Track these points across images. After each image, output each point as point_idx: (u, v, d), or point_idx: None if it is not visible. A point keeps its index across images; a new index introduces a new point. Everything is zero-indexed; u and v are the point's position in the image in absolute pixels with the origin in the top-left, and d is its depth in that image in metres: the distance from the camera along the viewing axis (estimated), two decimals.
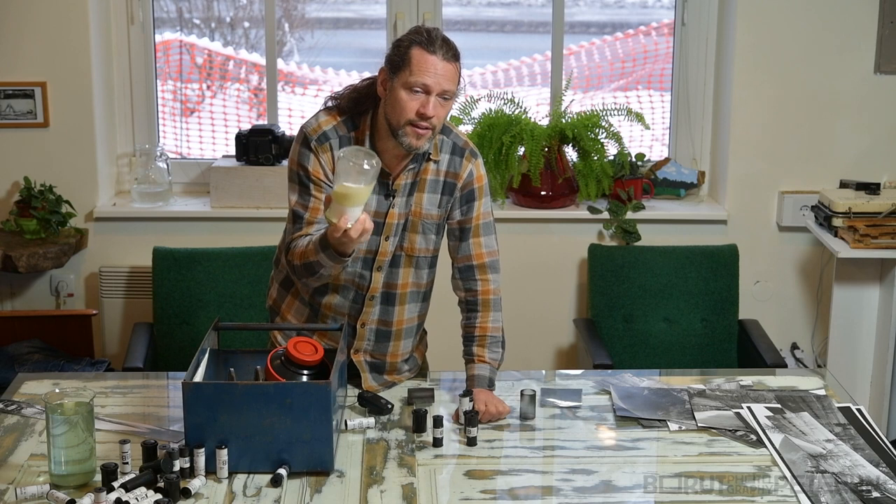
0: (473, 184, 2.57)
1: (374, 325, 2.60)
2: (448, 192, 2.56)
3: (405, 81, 2.37)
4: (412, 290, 2.61)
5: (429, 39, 2.38)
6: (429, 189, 2.54)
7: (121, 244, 4.06)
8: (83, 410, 2.17)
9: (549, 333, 4.18)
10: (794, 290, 4.19)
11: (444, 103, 2.40)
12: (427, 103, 2.37)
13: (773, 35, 3.99)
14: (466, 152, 2.56)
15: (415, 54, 2.37)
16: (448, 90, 2.39)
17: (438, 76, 2.36)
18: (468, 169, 2.56)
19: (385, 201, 2.51)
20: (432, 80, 2.36)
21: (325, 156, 2.47)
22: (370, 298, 2.57)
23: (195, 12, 4.42)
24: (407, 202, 2.53)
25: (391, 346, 2.64)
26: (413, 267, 2.58)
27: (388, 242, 2.53)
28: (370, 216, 2.34)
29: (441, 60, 2.36)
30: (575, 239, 4.08)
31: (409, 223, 2.54)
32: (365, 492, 2.17)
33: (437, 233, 2.59)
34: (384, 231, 2.52)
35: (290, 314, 2.66)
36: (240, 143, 4.04)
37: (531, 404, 2.50)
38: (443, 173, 2.55)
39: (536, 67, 4.51)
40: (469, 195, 2.57)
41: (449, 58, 2.38)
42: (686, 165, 4.27)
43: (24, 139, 3.98)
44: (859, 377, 3.86)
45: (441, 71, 2.36)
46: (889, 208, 3.66)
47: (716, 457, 2.33)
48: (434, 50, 2.36)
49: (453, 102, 2.46)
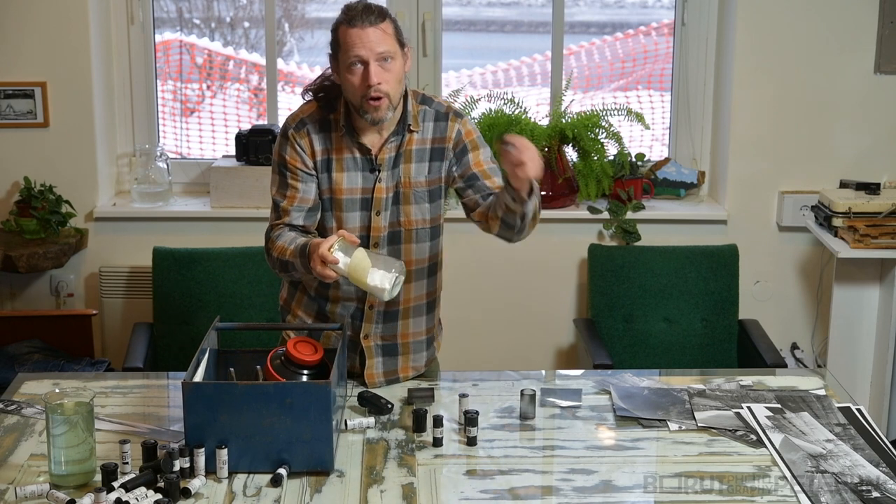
0: (463, 140, 2.59)
1: (381, 307, 2.61)
2: (438, 158, 2.58)
3: (343, 62, 2.44)
4: (417, 266, 2.61)
5: (348, 15, 2.44)
6: (415, 159, 2.56)
7: (121, 244, 4.06)
8: (83, 410, 2.17)
9: (549, 333, 4.18)
10: (794, 290, 4.19)
11: (387, 66, 2.43)
12: (368, 73, 2.41)
13: (773, 35, 3.99)
14: (450, 115, 2.59)
15: (341, 34, 2.44)
16: (383, 51, 2.42)
17: (367, 43, 2.41)
18: (455, 129, 2.59)
19: (371, 176, 2.54)
20: (363, 50, 2.41)
21: (303, 141, 2.54)
22: None
23: (195, 12, 4.43)
24: (393, 175, 2.56)
25: (400, 325, 2.64)
26: (414, 242, 2.60)
27: (379, 217, 2.56)
28: (358, 192, 2.48)
29: (364, 28, 2.41)
30: (575, 239, 4.07)
31: (400, 196, 2.57)
32: (365, 492, 2.17)
33: (432, 200, 2.60)
34: (373, 206, 2.55)
35: (301, 310, 2.68)
36: (240, 143, 4.04)
37: (531, 404, 2.50)
38: (429, 141, 2.58)
39: (536, 67, 4.51)
40: (461, 151, 2.59)
41: (372, 21, 2.42)
42: (686, 165, 4.27)
43: (24, 139, 3.98)
44: (859, 377, 3.86)
45: (369, 37, 2.41)
46: (889, 208, 3.66)
47: (716, 457, 2.33)
48: (355, 22, 2.41)
49: (404, 60, 2.48)
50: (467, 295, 4.03)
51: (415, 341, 2.68)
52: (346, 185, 2.54)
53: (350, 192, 2.55)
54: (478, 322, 4.13)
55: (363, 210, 2.55)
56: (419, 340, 2.69)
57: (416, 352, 2.70)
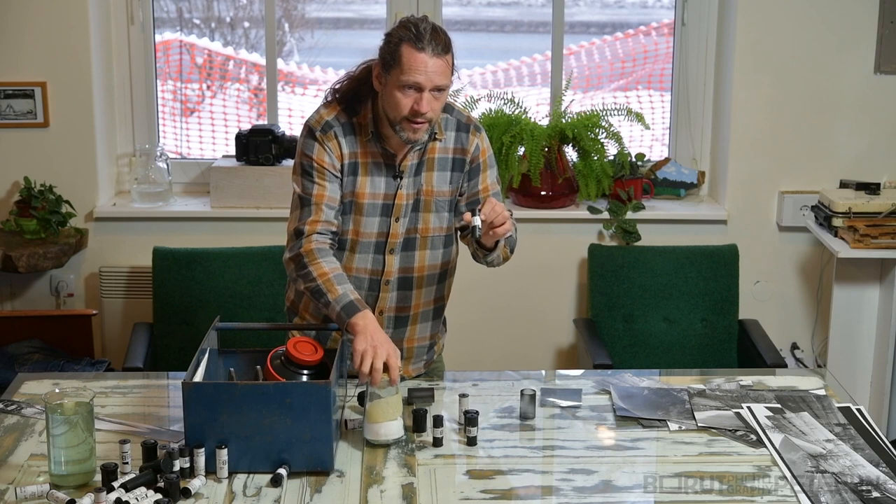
0: (479, 158, 2.61)
1: (391, 313, 2.61)
2: (458, 168, 2.59)
3: (397, 80, 2.40)
4: (429, 272, 2.62)
5: (417, 35, 2.38)
6: (438, 167, 2.57)
7: (121, 244, 4.06)
8: (83, 410, 2.17)
9: (549, 333, 4.18)
10: (794, 290, 4.19)
11: (438, 96, 2.43)
12: (420, 100, 2.39)
13: (773, 35, 3.99)
14: (471, 127, 2.60)
15: (405, 53, 2.38)
16: (440, 84, 2.41)
17: (429, 73, 2.38)
18: (475, 143, 2.60)
19: (393, 182, 2.54)
20: (423, 77, 2.38)
21: (331, 143, 2.51)
22: (385, 283, 2.58)
23: (195, 12, 4.42)
24: (415, 182, 2.55)
25: (408, 330, 2.65)
26: (428, 248, 2.60)
27: (398, 224, 2.55)
28: (381, 197, 2.48)
29: (431, 57, 2.38)
30: (575, 239, 4.08)
31: (421, 203, 2.57)
32: (365, 492, 2.17)
33: (451, 210, 2.61)
34: (394, 212, 2.55)
35: (308, 313, 2.68)
36: (240, 143, 4.04)
37: (531, 404, 2.50)
38: (450, 150, 2.58)
39: (536, 67, 4.51)
40: (475, 169, 2.61)
41: (439, 52, 2.39)
42: (686, 165, 4.27)
43: (24, 139, 3.98)
44: (859, 377, 3.87)
45: (432, 68, 2.38)
46: (889, 208, 3.66)
47: (716, 457, 2.33)
48: (423, 47, 2.37)
49: (448, 91, 2.48)
50: (467, 295, 4.02)
51: (419, 346, 2.69)
52: (369, 190, 2.53)
53: (372, 196, 2.54)
54: (478, 322, 4.13)
55: (383, 216, 2.54)
56: (423, 345, 2.70)
57: (419, 356, 2.70)
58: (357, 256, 2.56)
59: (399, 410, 2.35)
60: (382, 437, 2.33)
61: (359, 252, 2.56)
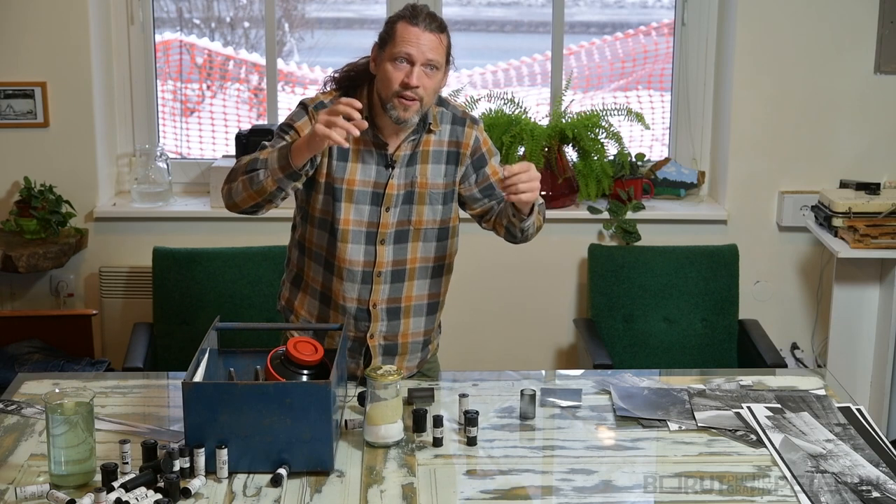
0: (481, 148, 2.64)
1: (384, 305, 2.62)
2: (453, 162, 2.60)
3: (390, 53, 2.45)
4: (421, 265, 2.63)
5: (413, 13, 2.46)
6: (432, 160, 2.58)
7: (121, 244, 4.06)
8: (83, 410, 2.16)
9: (549, 333, 4.18)
10: (794, 290, 4.19)
11: (430, 74, 2.46)
12: (411, 73, 2.43)
13: (773, 35, 3.99)
14: (467, 121, 2.63)
15: (399, 27, 2.45)
16: (432, 59, 2.45)
17: (421, 46, 2.43)
18: (473, 136, 2.62)
19: (384, 171, 2.55)
20: (415, 49, 2.43)
21: None
22: (378, 275, 2.59)
23: (195, 12, 4.43)
24: (407, 173, 2.57)
25: (402, 324, 2.65)
26: (421, 241, 2.61)
27: (388, 213, 2.56)
28: (370, 185, 2.49)
29: (424, 31, 2.44)
30: (575, 239, 4.08)
31: (415, 195, 2.58)
32: (365, 492, 2.17)
33: (445, 203, 2.61)
34: (384, 202, 2.56)
35: (304, 310, 2.69)
36: (240, 143, 4.04)
37: (531, 404, 2.50)
38: (445, 143, 2.60)
39: (536, 67, 4.51)
40: (479, 160, 2.63)
41: (433, 28, 2.46)
42: (686, 165, 4.27)
43: (24, 139, 3.98)
44: (859, 377, 3.87)
45: (424, 41, 2.44)
46: (889, 208, 3.66)
47: (716, 457, 2.33)
48: (417, 22, 2.45)
49: (443, 75, 2.51)
50: (467, 294, 4.02)
51: (413, 341, 2.69)
52: (359, 177, 2.55)
53: (363, 184, 2.55)
54: (478, 322, 4.13)
55: (373, 205, 2.56)
56: (417, 341, 2.70)
57: (413, 352, 2.70)
58: (349, 247, 2.57)
59: (399, 413, 2.35)
60: (382, 439, 2.33)
61: (351, 242, 2.56)
